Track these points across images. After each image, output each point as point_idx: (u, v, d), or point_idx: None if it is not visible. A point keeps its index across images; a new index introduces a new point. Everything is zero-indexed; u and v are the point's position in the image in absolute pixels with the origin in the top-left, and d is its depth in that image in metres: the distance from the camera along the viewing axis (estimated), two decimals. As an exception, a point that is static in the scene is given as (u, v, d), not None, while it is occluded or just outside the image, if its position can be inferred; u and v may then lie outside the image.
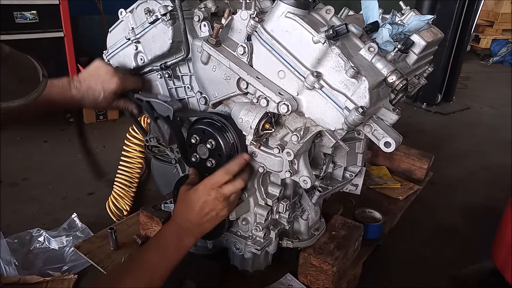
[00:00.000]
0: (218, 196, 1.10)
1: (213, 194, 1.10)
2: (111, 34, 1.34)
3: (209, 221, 1.12)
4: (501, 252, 1.97)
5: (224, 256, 1.50)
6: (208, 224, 1.13)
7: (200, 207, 1.10)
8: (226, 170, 1.11)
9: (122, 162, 2.39)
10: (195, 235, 1.12)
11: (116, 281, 1.00)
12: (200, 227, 1.12)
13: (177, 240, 1.09)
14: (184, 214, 1.12)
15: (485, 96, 5.57)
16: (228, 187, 1.11)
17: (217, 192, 1.10)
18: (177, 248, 1.08)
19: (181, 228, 1.11)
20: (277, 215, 1.33)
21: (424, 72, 1.44)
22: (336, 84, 0.96)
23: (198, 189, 1.12)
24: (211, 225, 1.14)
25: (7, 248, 2.09)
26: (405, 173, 2.25)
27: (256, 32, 1.02)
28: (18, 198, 2.69)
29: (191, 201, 1.11)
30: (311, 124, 1.08)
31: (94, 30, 4.01)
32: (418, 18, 1.21)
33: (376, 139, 1.04)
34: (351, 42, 1.03)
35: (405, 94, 1.08)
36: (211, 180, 1.11)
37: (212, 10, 1.22)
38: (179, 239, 1.09)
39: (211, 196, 1.10)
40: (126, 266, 1.09)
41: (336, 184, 1.47)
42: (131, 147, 2.33)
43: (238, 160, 1.12)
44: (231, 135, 1.13)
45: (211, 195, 1.10)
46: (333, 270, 1.34)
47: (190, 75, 1.27)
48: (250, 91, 1.05)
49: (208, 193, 1.10)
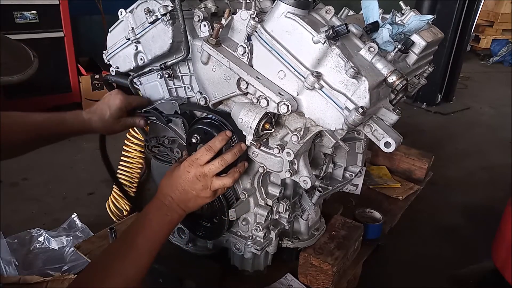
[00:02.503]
0: (198, 174, 1.07)
1: (192, 171, 1.07)
2: (111, 34, 1.34)
3: (190, 200, 1.09)
4: (501, 252, 1.97)
5: (224, 256, 1.50)
6: (191, 204, 1.10)
7: (179, 183, 1.08)
8: (207, 146, 1.08)
9: (122, 162, 2.40)
10: (178, 212, 1.09)
11: (104, 264, 0.98)
12: (182, 204, 1.09)
13: (160, 216, 1.06)
14: (166, 189, 1.10)
15: (485, 96, 5.57)
16: (209, 166, 1.07)
17: (197, 170, 1.07)
18: (160, 224, 1.06)
19: (163, 204, 1.08)
20: (277, 215, 1.33)
21: (424, 72, 1.44)
22: (336, 84, 0.96)
23: (180, 166, 1.10)
24: (194, 205, 1.11)
25: (7, 248, 2.09)
26: (405, 173, 2.25)
27: (256, 32, 1.02)
28: (18, 198, 2.69)
29: (173, 176, 1.10)
30: (311, 124, 1.08)
31: (94, 30, 4.01)
32: (418, 18, 1.21)
33: (376, 139, 1.04)
34: (351, 42, 1.03)
35: (405, 94, 1.08)
36: (192, 156, 1.10)
37: (212, 10, 1.22)
38: (162, 215, 1.07)
39: (190, 173, 1.07)
40: (114, 249, 1.06)
41: (336, 184, 1.47)
42: (131, 147, 2.34)
43: (221, 136, 1.10)
44: None
45: (190, 172, 1.08)
46: (333, 270, 1.35)
47: (190, 75, 1.27)
48: (250, 91, 1.05)
49: (187, 169, 1.08)
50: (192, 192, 1.08)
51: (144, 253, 1.01)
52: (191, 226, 1.39)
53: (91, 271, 0.99)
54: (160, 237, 1.05)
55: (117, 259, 0.98)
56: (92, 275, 0.96)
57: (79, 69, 3.71)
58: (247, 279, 1.45)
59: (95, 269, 0.99)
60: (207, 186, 1.09)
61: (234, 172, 1.11)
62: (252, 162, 1.22)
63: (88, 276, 0.96)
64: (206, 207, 1.30)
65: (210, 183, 1.08)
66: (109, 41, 1.36)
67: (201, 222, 1.36)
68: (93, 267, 1.01)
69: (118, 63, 1.37)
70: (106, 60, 1.40)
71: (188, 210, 1.11)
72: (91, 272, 0.98)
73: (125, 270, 0.97)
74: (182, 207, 1.09)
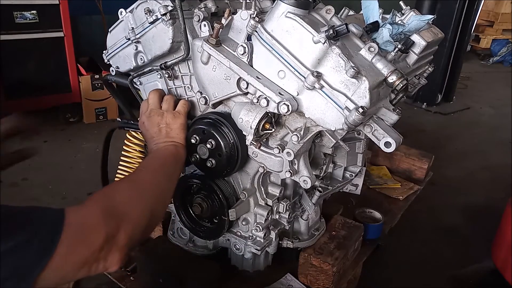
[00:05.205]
0: (152, 114, 1.17)
1: (145, 118, 1.18)
2: (111, 34, 1.34)
3: (161, 130, 1.16)
4: (501, 252, 1.97)
5: (224, 256, 1.50)
6: (172, 133, 1.16)
7: (151, 129, 1.17)
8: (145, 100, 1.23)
9: (122, 162, 2.39)
10: (168, 147, 1.14)
11: (113, 188, 0.98)
12: (165, 138, 1.15)
13: (156, 154, 1.12)
14: (149, 142, 1.18)
15: (485, 96, 5.57)
16: (149, 101, 1.20)
17: (148, 115, 1.17)
18: (158, 157, 1.11)
19: (152, 146, 1.16)
20: (277, 215, 1.33)
21: (424, 72, 1.44)
22: (336, 84, 0.96)
23: (144, 123, 1.19)
24: (173, 133, 1.16)
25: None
26: (405, 173, 2.24)
27: (256, 32, 1.02)
28: (18, 198, 2.69)
29: (146, 130, 1.18)
30: (311, 124, 1.08)
31: (94, 30, 4.01)
32: (418, 18, 1.21)
33: (376, 139, 1.04)
34: (351, 42, 1.03)
35: (405, 94, 1.08)
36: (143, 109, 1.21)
37: (212, 10, 1.21)
38: (157, 152, 1.13)
39: (151, 117, 1.17)
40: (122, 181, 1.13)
41: (336, 184, 1.47)
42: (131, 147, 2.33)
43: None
44: (230, 134, 1.13)
45: (151, 116, 1.17)
46: (333, 270, 1.34)
47: (190, 75, 1.27)
48: (250, 91, 1.05)
49: (144, 119, 1.19)
50: (161, 125, 1.16)
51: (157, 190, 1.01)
52: (191, 226, 1.39)
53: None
54: (165, 171, 1.07)
55: (125, 189, 0.96)
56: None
57: (79, 69, 3.71)
58: (247, 279, 1.44)
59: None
60: (162, 113, 1.18)
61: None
62: (252, 162, 1.22)
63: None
64: (206, 207, 1.30)
65: (163, 109, 1.19)
66: (109, 41, 1.36)
67: (201, 222, 1.36)
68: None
69: (118, 63, 1.37)
70: (106, 60, 1.40)
71: (172, 138, 1.15)
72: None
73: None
74: (167, 140, 1.15)
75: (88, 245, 0.75)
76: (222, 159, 1.16)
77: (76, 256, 0.73)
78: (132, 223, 0.85)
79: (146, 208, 0.92)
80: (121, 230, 0.80)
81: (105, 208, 0.82)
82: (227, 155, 1.15)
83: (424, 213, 2.67)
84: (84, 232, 0.75)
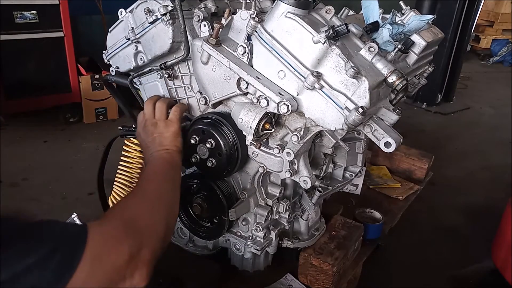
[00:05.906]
0: (146, 124, 1.17)
1: (140, 129, 1.19)
2: (111, 34, 1.34)
3: (155, 139, 1.15)
4: (501, 252, 1.97)
5: (224, 256, 1.50)
6: (165, 142, 1.15)
7: (147, 138, 1.17)
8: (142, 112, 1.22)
9: (122, 162, 2.39)
10: (162, 154, 1.13)
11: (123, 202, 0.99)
12: (159, 146, 1.14)
13: (152, 163, 1.12)
14: (145, 151, 1.18)
15: (485, 96, 5.56)
16: (145, 111, 1.20)
17: (143, 126, 1.18)
18: (156, 165, 1.11)
19: (151, 158, 1.15)
20: (277, 215, 1.33)
21: (424, 72, 1.44)
22: (336, 84, 0.96)
23: (140, 134, 1.21)
24: (166, 141, 1.15)
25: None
26: (405, 173, 2.24)
27: (256, 32, 1.02)
28: (18, 198, 2.68)
29: (142, 140, 1.20)
30: (311, 124, 1.08)
31: (94, 30, 4.01)
32: (418, 18, 1.21)
33: (376, 139, 1.04)
34: (351, 42, 1.03)
35: (405, 94, 1.08)
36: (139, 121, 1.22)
37: (212, 10, 1.21)
38: (152, 161, 1.12)
39: (146, 127, 1.17)
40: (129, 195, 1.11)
41: (336, 184, 1.47)
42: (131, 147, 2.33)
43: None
44: (230, 134, 1.13)
45: (145, 127, 1.17)
46: (333, 270, 1.34)
47: (190, 75, 1.27)
48: (250, 91, 1.05)
49: (141, 129, 1.19)
50: (154, 135, 1.16)
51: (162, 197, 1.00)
52: (191, 226, 1.39)
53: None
54: (166, 177, 1.07)
55: (134, 201, 0.96)
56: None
57: (79, 69, 3.71)
58: (247, 279, 1.44)
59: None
60: (157, 121, 1.18)
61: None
62: (252, 162, 1.22)
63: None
64: (207, 207, 1.30)
65: (156, 119, 1.19)
66: (109, 41, 1.36)
67: (201, 222, 1.36)
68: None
69: (118, 63, 1.37)
70: (106, 60, 1.40)
71: (165, 146, 1.15)
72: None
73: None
74: (160, 148, 1.14)
75: (113, 261, 0.72)
76: (222, 158, 1.16)
77: (100, 274, 0.70)
78: (153, 236, 0.84)
79: (161, 218, 0.91)
80: (144, 245, 0.78)
81: (126, 224, 0.80)
82: (227, 155, 1.15)
83: (424, 213, 2.67)
84: (108, 248, 0.73)
